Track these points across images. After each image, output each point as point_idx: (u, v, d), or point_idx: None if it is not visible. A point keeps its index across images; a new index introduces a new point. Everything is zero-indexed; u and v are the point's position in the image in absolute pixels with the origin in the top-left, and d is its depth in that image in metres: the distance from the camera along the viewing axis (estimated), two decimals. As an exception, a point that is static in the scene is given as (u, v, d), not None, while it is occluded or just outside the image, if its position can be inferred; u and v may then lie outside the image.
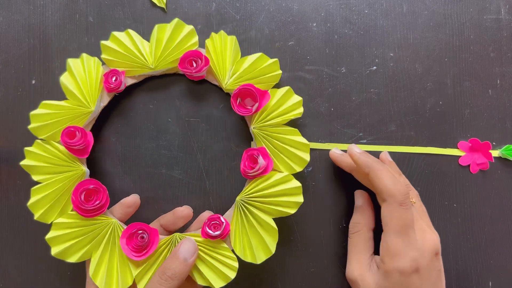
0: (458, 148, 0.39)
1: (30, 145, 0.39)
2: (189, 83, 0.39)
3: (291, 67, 0.39)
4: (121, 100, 0.39)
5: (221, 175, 0.39)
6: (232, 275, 0.34)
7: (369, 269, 0.33)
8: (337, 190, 0.39)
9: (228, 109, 0.39)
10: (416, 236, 0.31)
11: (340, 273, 0.38)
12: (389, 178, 0.31)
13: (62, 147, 0.36)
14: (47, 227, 0.39)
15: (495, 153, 0.39)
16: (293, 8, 0.39)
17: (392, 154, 0.39)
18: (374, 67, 0.39)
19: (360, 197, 0.37)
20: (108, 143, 0.39)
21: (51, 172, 0.36)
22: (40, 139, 0.37)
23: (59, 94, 0.38)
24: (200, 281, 0.34)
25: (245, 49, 0.39)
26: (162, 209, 0.39)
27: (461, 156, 0.39)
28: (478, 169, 0.39)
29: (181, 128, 0.39)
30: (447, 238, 0.38)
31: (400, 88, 0.39)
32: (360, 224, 0.35)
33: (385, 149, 0.39)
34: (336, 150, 0.37)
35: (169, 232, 0.37)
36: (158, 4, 0.39)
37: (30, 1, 0.40)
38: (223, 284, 0.34)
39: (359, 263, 0.34)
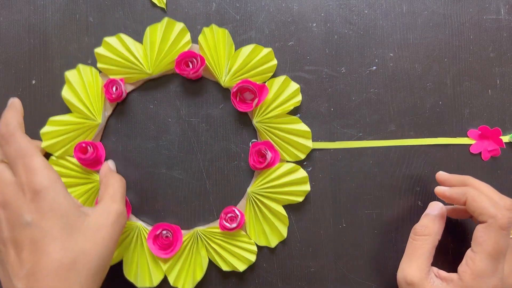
0: (468, 137, 0.38)
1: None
2: (187, 81, 0.39)
3: (291, 67, 0.39)
4: (122, 104, 0.39)
5: (221, 175, 0.39)
6: (253, 258, 0.38)
7: (428, 279, 0.32)
8: (337, 190, 0.39)
9: (228, 109, 0.39)
10: (504, 267, 0.30)
11: (340, 273, 0.38)
12: (488, 201, 0.31)
13: (75, 161, 0.37)
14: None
15: (505, 138, 0.38)
16: (293, 8, 0.39)
17: (393, 151, 0.39)
18: (374, 67, 0.39)
19: (437, 209, 0.35)
20: (108, 143, 0.39)
21: (71, 185, 0.38)
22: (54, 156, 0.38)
23: (59, 94, 0.38)
24: (225, 267, 0.38)
25: (245, 49, 0.39)
26: (162, 209, 0.39)
27: (471, 144, 0.38)
28: (489, 156, 0.38)
29: (181, 128, 0.39)
30: (447, 239, 0.38)
31: (400, 88, 0.39)
32: (429, 228, 0.33)
33: (385, 144, 0.39)
34: (441, 187, 0.35)
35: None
36: (158, 4, 0.39)
37: (30, 1, 0.40)
38: (246, 267, 0.37)
39: (420, 269, 0.32)
